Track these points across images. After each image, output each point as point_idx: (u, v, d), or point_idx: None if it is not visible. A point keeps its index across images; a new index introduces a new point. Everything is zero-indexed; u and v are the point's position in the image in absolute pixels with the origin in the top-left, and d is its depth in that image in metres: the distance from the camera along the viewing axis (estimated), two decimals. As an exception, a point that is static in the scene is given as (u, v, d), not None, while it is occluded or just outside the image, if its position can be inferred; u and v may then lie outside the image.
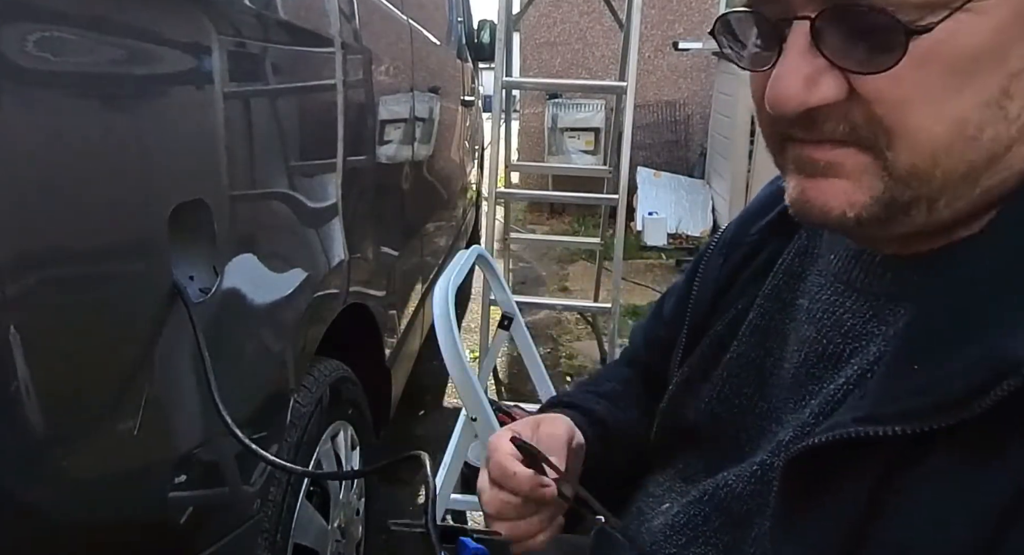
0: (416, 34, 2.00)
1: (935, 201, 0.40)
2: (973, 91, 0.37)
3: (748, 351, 0.57)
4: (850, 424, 0.39)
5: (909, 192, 0.39)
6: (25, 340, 0.56)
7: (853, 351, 0.47)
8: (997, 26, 0.36)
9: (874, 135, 0.39)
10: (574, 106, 5.87)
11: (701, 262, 0.65)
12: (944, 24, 0.35)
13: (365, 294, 1.44)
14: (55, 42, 0.59)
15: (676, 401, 0.62)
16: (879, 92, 0.37)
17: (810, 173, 0.42)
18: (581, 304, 3.18)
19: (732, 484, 0.53)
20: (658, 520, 0.58)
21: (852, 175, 0.40)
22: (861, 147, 0.40)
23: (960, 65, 0.36)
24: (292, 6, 1.07)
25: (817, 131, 0.40)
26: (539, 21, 6.12)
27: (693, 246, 5.16)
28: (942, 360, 0.37)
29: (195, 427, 0.80)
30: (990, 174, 0.39)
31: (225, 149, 0.84)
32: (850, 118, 0.39)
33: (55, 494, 0.64)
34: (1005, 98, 0.37)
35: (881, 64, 0.36)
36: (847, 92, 0.38)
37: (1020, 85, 0.37)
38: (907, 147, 0.38)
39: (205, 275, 0.82)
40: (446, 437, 1.79)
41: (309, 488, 1.15)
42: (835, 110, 0.39)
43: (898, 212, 0.40)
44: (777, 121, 0.42)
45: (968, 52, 0.36)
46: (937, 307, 0.40)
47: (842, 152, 0.40)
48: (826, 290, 0.51)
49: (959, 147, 0.38)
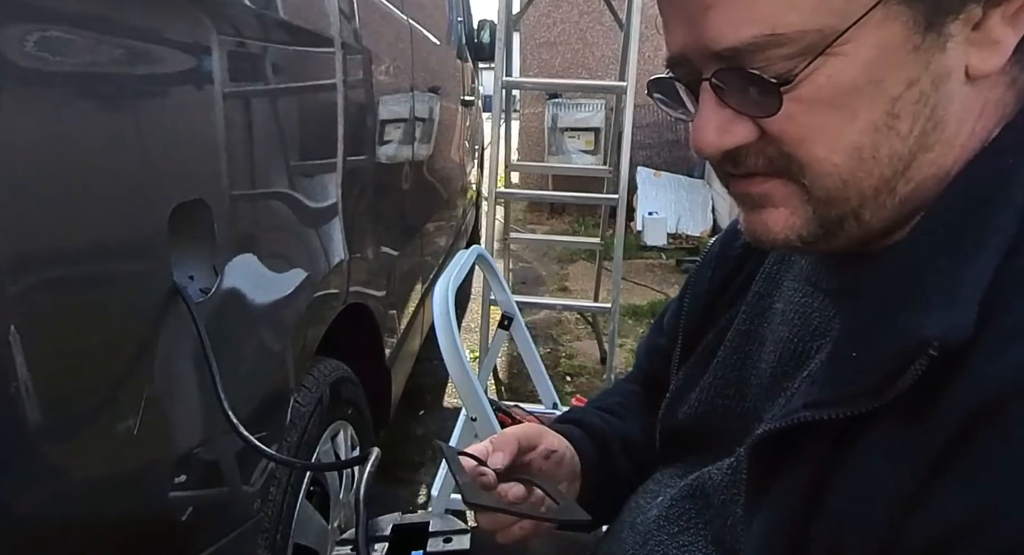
0: (416, 34, 2.00)
1: (860, 214, 0.45)
2: (861, 120, 0.42)
3: (731, 355, 0.61)
4: (800, 410, 0.44)
5: (834, 210, 0.45)
6: (25, 340, 0.56)
7: (819, 347, 0.51)
8: (864, 62, 0.40)
9: (788, 167, 0.44)
10: (574, 106, 5.87)
11: (692, 276, 0.71)
12: (815, 70, 0.41)
13: (365, 294, 1.44)
14: (55, 42, 0.59)
15: (671, 405, 0.66)
16: (782, 131, 0.43)
17: (751, 206, 0.48)
18: (581, 304, 3.18)
19: (714, 477, 0.57)
20: (652, 512, 0.62)
21: (783, 203, 0.46)
22: (783, 178, 0.45)
23: (841, 100, 0.41)
24: (292, 6, 1.07)
25: (743, 166, 0.46)
26: (539, 21, 6.12)
27: (693, 246, 5.16)
28: (871, 347, 0.42)
29: (195, 427, 0.80)
30: (902, 184, 0.44)
31: (225, 149, 0.84)
32: (766, 154, 0.45)
33: (55, 494, 0.64)
34: (892, 119, 0.42)
35: (769, 110, 0.42)
36: (758, 133, 0.44)
37: (903, 106, 0.42)
38: (816, 175, 0.44)
39: (205, 275, 0.82)
40: (446, 437, 1.79)
41: (309, 488, 1.16)
42: (752, 149, 0.45)
43: (832, 227, 0.46)
44: (712, 161, 0.48)
45: (844, 88, 0.41)
46: (870, 300, 0.45)
47: (770, 184, 0.46)
48: (798, 293, 0.55)
49: (861, 169, 0.43)
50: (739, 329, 0.61)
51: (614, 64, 4.80)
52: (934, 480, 0.37)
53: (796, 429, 0.44)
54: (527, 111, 6.44)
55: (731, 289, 0.65)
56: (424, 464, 2.21)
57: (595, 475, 0.70)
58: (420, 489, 2.09)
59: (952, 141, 0.43)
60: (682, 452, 0.65)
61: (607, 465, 0.71)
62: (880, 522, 0.39)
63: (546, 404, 2.00)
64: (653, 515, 0.61)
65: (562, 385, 2.82)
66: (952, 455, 0.37)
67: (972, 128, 0.44)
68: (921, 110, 0.42)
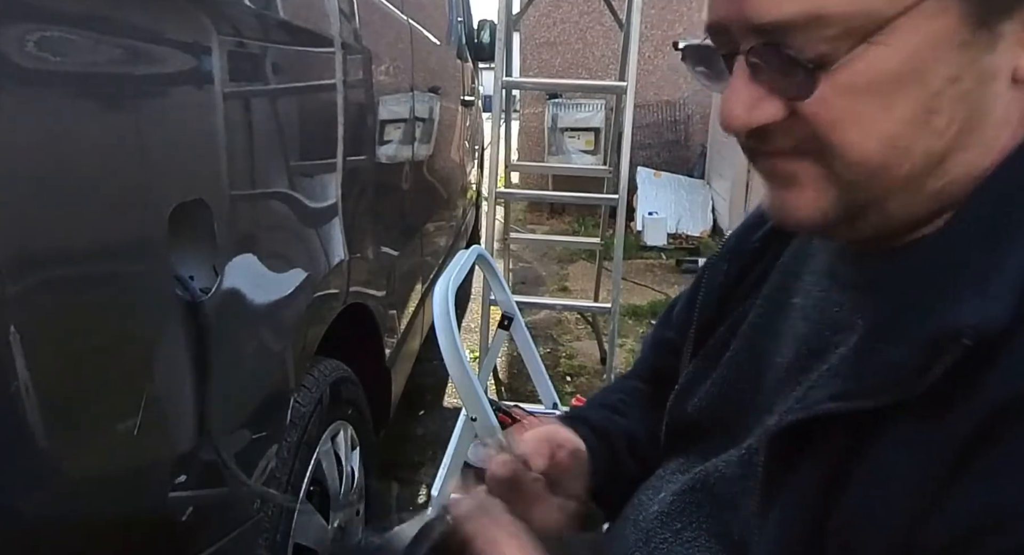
0: (416, 34, 2.00)
1: (885, 204, 0.44)
2: (897, 111, 0.41)
3: (746, 349, 0.60)
4: (824, 401, 0.43)
5: (861, 196, 0.44)
6: (25, 340, 0.56)
7: (839, 342, 0.50)
8: (908, 53, 0.40)
9: (818, 149, 0.43)
10: (574, 106, 5.87)
11: (707, 269, 0.70)
12: (856, 56, 0.40)
13: (365, 294, 1.44)
14: (55, 42, 0.59)
15: (680, 398, 0.65)
16: (814, 114, 0.42)
17: (778, 184, 0.47)
18: (581, 304, 3.18)
19: (722, 469, 0.56)
20: (654, 508, 0.61)
21: (811, 183, 0.45)
22: (811, 159, 0.44)
23: (879, 90, 0.40)
24: (292, 6, 1.07)
25: (770, 144, 0.46)
26: (539, 21, 6.12)
27: (693, 246, 5.16)
28: (900, 339, 0.41)
29: (195, 427, 0.80)
30: (933, 180, 0.43)
31: (225, 149, 0.84)
32: (795, 134, 0.44)
33: (55, 494, 0.64)
34: (930, 114, 0.41)
35: (804, 93, 0.41)
36: (788, 113, 0.43)
37: (943, 102, 0.41)
38: (845, 160, 0.43)
39: (205, 275, 0.82)
40: (446, 437, 1.79)
41: (309, 488, 1.16)
42: (780, 127, 0.44)
43: (857, 212, 0.45)
44: (740, 135, 0.46)
45: (884, 78, 0.40)
46: (898, 293, 0.44)
47: (797, 164, 0.45)
48: (817, 287, 0.55)
49: (892, 160, 0.42)
50: (754, 323, 0.60)
51: (614, 64, 4.80)
52: (954, 478, 0.36)
53: (816, 421, 0.43)
54: (527, 111, 6.44)
55: (746, 283, 0.65)
56: (424, 464, 2.21)
57: (602, 473, 0.69)
58: (420, 489, 2.09)
59: (991, 143, 0.43)
60: (687, 446, 0.64)
61: (613, 464, 0.70)
62: (897, 519, 0.38)
63: (546, 404, 2.00)
64: (655, 511, 0.61)
65: (562, 385, 2.82)
66: (974, 453, 0.36)
67: (1014, 131, 0.43)
68: (961, 108, 0.41)
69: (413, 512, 0.63)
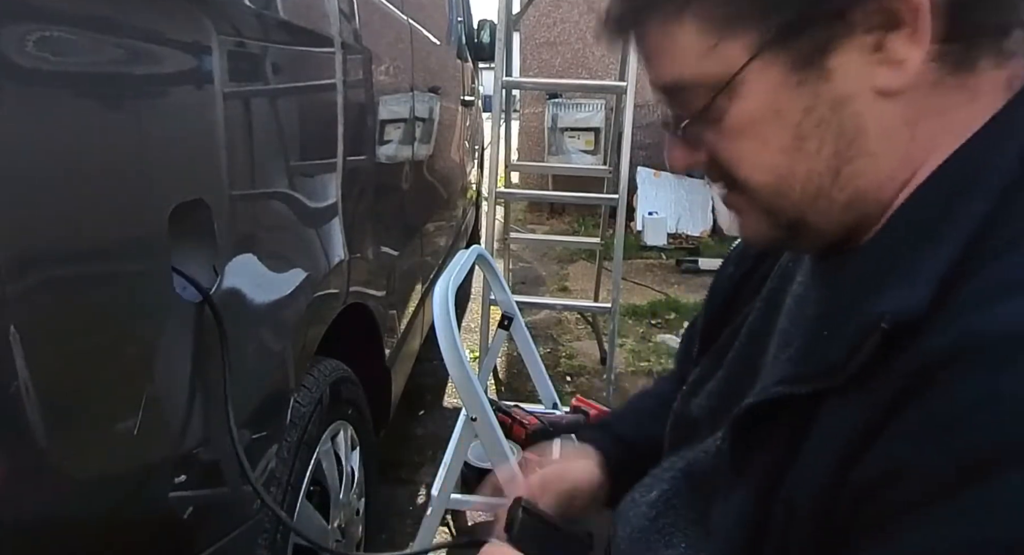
0: (416, 34, 2.00)
1: (805, 219, 0.50)
2: (772, 144, 0.48)
3: (744, 349, 0.64)
4: (773, 387, 0.49)
5: (783, 216, 0.51)
6: (25, 340, 0.56)
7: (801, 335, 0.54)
8: (761, 100, 0.47)
9: (734, 183, 0.52)
10: (574, 106, 5.87)
11: (716, 274, 0.75)
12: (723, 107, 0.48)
13: (365, 294, 1.44)
14: (55, 42, 0.59)
15: (684, 400, 0.69)
16: (715, 155, 0.51)
17: (732, 211, 0.55)
18: (581, 304, 3.18)
19: (700, 459, 0.61)
20: (644, 504, 0.65)
21: (747, 211, 0.53)
22: (738, 191, 0.52)
23: (751, 130, 0.49)
24: (292, 6, 1.07)
25: (712, 180, 0.54)
26: (539, 21, 6.12)
27: (693, 246, 5.16)
28: (838, 328, 0.46)
29: (195, 427, 0.80)
30: (837, 192, 0.49)
31: (225, 149, 0.84)
32: (718, 172, 0.52)
33: (55, 494, 0.64)
34: (800, 141, 0.48)
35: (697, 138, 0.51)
36: (708, 157, 0.52)
37: (806, 130, 0.47)
38: (751, 189, 0.51)
39: (205, 275, 0.82)
40: (446, 437, 1.79)
41: (309, 488, 1.16)
42: (707, 168, 0.53)
43: (790, 228, 0.51)
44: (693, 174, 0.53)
45: (751, 121, 0.48)
46: (841, 288, 0.50)
47: (733, 196, 0.53)
48: (801, 286, 0.59)
49: (783, 183, 0.49)
50: (753, 323, 0.63)
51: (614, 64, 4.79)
52: (872, 440, 0.41)
53: (771, 405, 0.48)
54: (527, 111, 6.44)
55: (749, 286, 0.68)
56: (424, 464, 2.21)
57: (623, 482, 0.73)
58: (420, 489, 2.09)
59: (878, 151, 0.47)
60: (686, 443, 0.67)
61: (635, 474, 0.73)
62: (825, 479, 0.43)
63: (546, 404, 2.00)
64: (645, 506, 0.64)
65: (562, 385, 2.82)
66: (885, 420, 0.40)
67: (911, 135, 0.47)
68: (826, 131, 0.47)
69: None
